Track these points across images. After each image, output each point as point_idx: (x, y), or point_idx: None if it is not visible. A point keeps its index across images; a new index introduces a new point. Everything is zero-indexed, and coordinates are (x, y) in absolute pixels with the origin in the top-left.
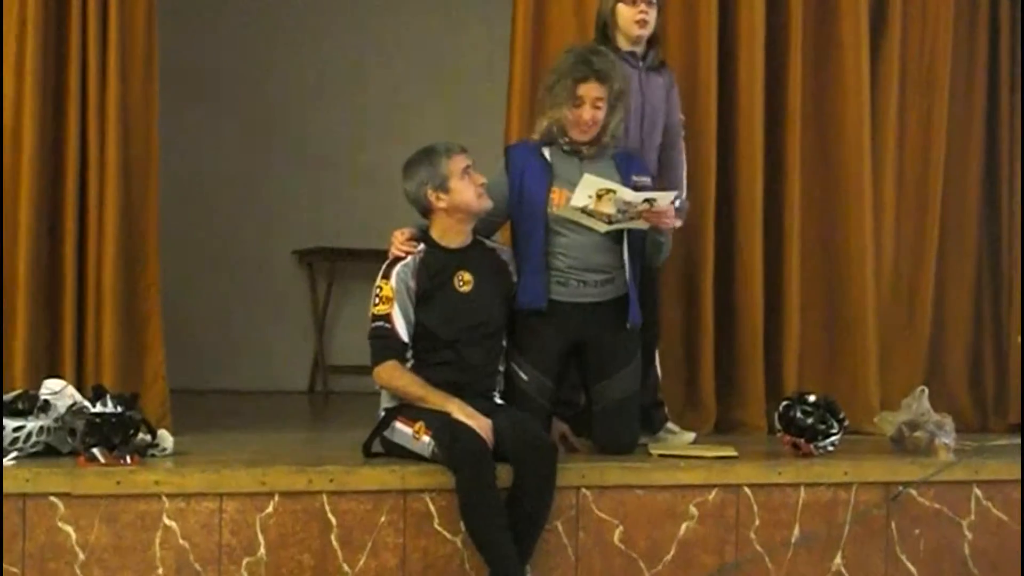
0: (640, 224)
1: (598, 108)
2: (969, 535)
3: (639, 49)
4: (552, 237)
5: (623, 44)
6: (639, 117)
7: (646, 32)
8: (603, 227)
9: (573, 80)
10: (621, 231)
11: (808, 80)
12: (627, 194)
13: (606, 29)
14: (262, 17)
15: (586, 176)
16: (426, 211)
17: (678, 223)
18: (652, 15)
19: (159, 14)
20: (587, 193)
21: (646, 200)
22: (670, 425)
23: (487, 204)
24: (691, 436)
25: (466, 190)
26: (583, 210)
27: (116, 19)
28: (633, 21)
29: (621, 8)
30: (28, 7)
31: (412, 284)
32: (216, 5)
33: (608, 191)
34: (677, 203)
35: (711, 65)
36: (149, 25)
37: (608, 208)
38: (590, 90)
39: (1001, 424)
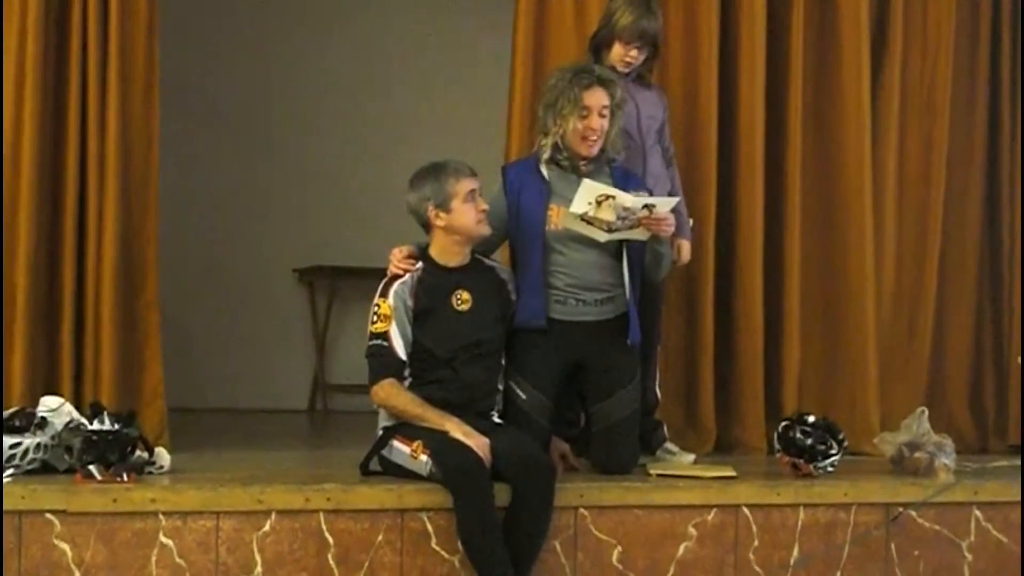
0: (639, 234)
1: (604, 116)
2: (969, 556)
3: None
4: (550, 255)
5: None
6: (635, 121)
7: (629, 70)
8: (603, 236)
9: (579, 89)
10: (620, 245)
11: (808, 103)
12: (627, 199)
13: (599, 51)
14: (262, 37)
15: (586, 182)
16: (425, 226)
17: (686, 251)
18: (640, 58)
19: (159, 33)
20: (587, 199)
21: (645, 206)
22: (669, 445)
23: (485, 231)
24: (691, 457)
25: (467, 214)
26: (582, 217)
27: (116, 37)
28: (622, 60)
29: (616, 46)
30: (28, 23)
31: (410, 302)
32: (216, 24)
33: (608, 196)
34: (683, 221)
35: (711, 89)
36: (150, 42)
37: (608, 215)
38: (597, 97)
39: (1001, 445)
